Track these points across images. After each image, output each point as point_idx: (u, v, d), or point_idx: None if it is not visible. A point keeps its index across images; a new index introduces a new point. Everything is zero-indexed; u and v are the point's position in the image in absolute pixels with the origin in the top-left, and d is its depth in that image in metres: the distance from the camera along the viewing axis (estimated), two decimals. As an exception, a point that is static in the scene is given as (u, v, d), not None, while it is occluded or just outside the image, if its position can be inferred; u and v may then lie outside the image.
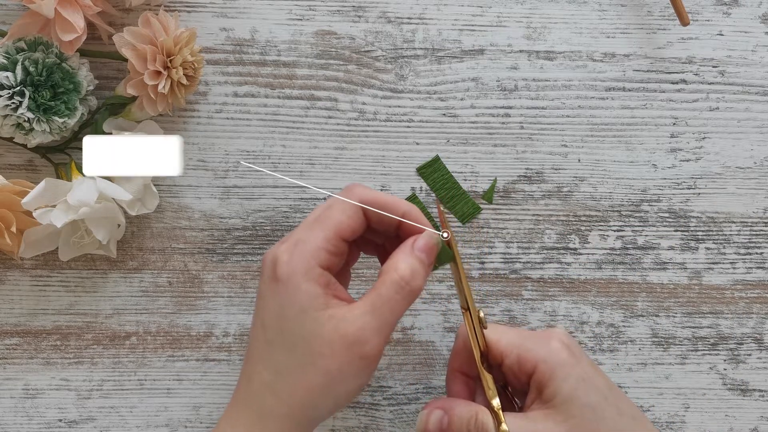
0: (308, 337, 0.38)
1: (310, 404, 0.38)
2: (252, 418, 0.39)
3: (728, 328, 0.52)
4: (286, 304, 0.38)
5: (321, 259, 0.39)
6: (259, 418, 0.39)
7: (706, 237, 0.52)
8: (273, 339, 0.39)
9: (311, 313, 0.38)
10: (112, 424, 0.51)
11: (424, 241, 0.40)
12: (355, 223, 0.40)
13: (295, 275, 0.38)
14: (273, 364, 0.39)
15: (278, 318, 0.39)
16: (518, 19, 0.52)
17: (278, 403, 0.39)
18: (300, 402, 0.38)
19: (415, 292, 0.40)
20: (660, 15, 0.52)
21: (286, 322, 0.38)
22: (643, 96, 0.52)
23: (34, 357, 0.51)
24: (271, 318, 0.39)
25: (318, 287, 0.38)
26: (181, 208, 0.51)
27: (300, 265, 0.38)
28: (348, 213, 0.40)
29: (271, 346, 0.39)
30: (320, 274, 0.39)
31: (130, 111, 0.48)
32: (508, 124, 0.52)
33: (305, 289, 0.38)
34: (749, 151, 0.53)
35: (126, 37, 0.45)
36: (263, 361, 0.39)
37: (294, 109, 0.51)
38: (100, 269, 0.51)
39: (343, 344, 0.38)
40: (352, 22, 0.51)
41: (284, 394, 0.38)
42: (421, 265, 0.40)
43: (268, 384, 0.39)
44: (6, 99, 0.44)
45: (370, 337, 0.38)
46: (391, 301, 0.39)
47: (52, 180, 0.46)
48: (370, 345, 0.38)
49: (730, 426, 0.52)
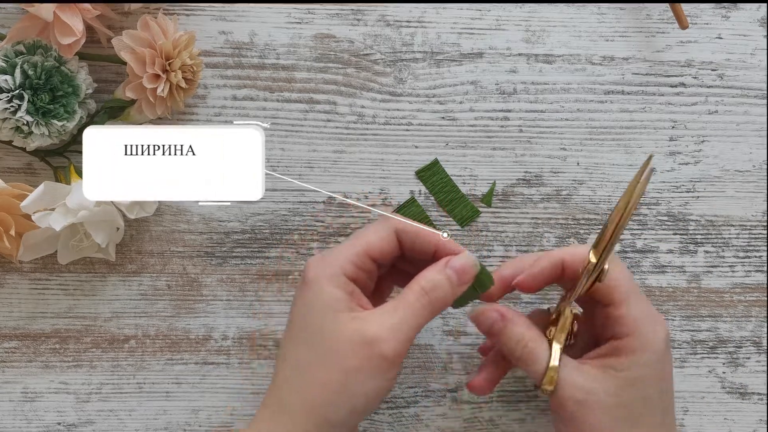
0: (328, 334, 0.39)
1: (326, 401, 0.39)
2: (273, 412, 0.40)
3: (727, 331, 0.52)
4: (310, 303, 0.40)
5: (347, 269, 0.41)
6: (278, 412, 0.40)
7: (705, 240, 0.52)
8: (296, 336, 0.41)
9: (333, 312, 0.40)
10: (111, 427, 0.51)
11: (459, 261, 0.42)
12: (386, 245, 0.42)
13: (321, 278, 0.40)
14: (294, 360, 0.40)
15: (303, 316, 0.41)
16: (517, 22, 0.52)
17: (295, 398, 0.39)
18: (316, 399, 0.39)
19: (435, 305, 0.41)
20: (659, 18, 0.52)
21: (309, 319, 0.40)
22: (642, 99, 0.52)
23: (33, 360, 0.51)
24: (296, 316, 0.41)
25: (342, 293, 0.40)
26: (179, 212, 0.51)
27: (327, 270, 0.41)
28: (380, 234, 0.42)
29: (294, 342, 0.41)
30: (345, 282, 0.41)
31: (129, 114, 0.48)
32: (506, 128, 0.52)
33: (329, 291, 0.40)
34: (748, 155, 0.53)
35: (125, 40, 0.45)
36: (287, 357, 0.41)
37: (293, 112, 0.51)
38: (99, 272, 0.51)
39: (361, 342, 0.39)
40: (351, 26, 0.51)
41: (301, 389, 0.39)
42: (447, 281, 0.41)
43: (288, 378, 0.40)
44: (5, 102, 0.44)
45: (388, 337, 0.39)
46: (412, 307, 0.40)
47: (50, 183, 0.46)
48: (387, 345, 0.39)
49: (729, 429, 0.52)
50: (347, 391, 0.39)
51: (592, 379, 0.41)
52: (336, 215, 0.51)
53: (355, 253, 0.41)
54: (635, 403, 0.41)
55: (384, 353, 0.39)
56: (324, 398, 0.39)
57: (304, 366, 0.40)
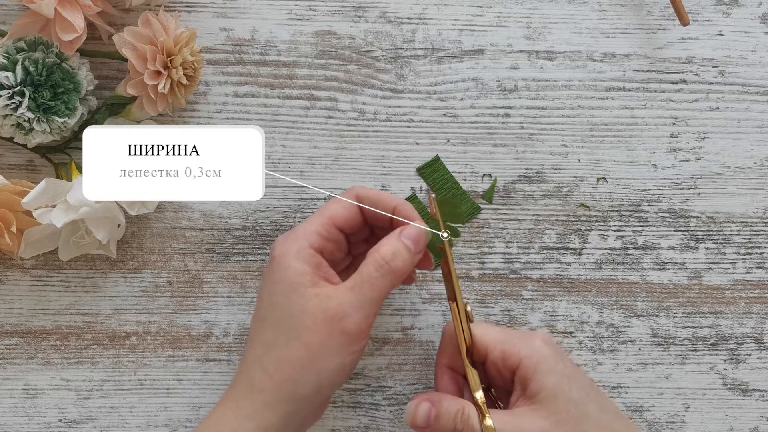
0: (294, 312, 0.40)
1: (293, 378, 0.40)
2: (243, 391, 0.41)
3: (728, 328, 0.52)
4: (277, 281, 0.41)
5: (312, 240, 0.42)
6: (248, 391, 0.41)
7: (706, 237, 0.52)
8: (265, 315, 0.41)
9: (298, 289, 0.40)
10: (112, 424, 0.51)
11: (412, 229, 0.42)
12: (349, 213, 0.43)
13: (287, 254, 0.41)
14: (263, 339, 0.41)
15: (270, 295, 0.41)
16: (518, 19, 0.52)
17: (265, 377, 0.40)
18: (284, 375, 0.40)
19: (396, 273, 0.41)
20: (660, 15, 0.52)
21: (276, 298, 0.41)
22: (643, 96, 0.52)
23: (34, 357, 0.51)
24: (264, 296, 0.42)
25: (307, 266, 0.41)
26: (181, 208, 0.51)
27: (292, 246, 0.41)
28: (342, 204, 0.43)
29: (263, 322, 0.41)
30: (311, 254, 0.41)
31: (130, 111, 0.48)
32: (508, 124, 0.52)
33: (294, 267, 0.41)
34: (749, 151, 0.53)
35: (126, 37, 0.45)
36: (256, 336, 0.42)
37: (294, 109, 0.51)
38: (100, 269, 0.51)
39: (324, 318, 0.40)
40: (352, 22, 0.51)
41: (271, 367, 0.40)
42: (405, 250, 0.42)
43: (258, 358, 0.41)
44: (6, 99, 0.44)
45: (351, 312, 0.40)
46: (371, 278, 0.41)
47: (52, 180, 0.46)
48: (350, 320, 0.40)
49: (730, 426, 0.52)
50: (313, 367, 0.40)
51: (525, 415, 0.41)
52: (337, 212, 0.51)
53: (320, 223, 0.42)
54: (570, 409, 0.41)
55: (347, 329, 0.40)
56: (291, 375, 0.40)
57: (273, 345, 0.40)
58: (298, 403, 0.41)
